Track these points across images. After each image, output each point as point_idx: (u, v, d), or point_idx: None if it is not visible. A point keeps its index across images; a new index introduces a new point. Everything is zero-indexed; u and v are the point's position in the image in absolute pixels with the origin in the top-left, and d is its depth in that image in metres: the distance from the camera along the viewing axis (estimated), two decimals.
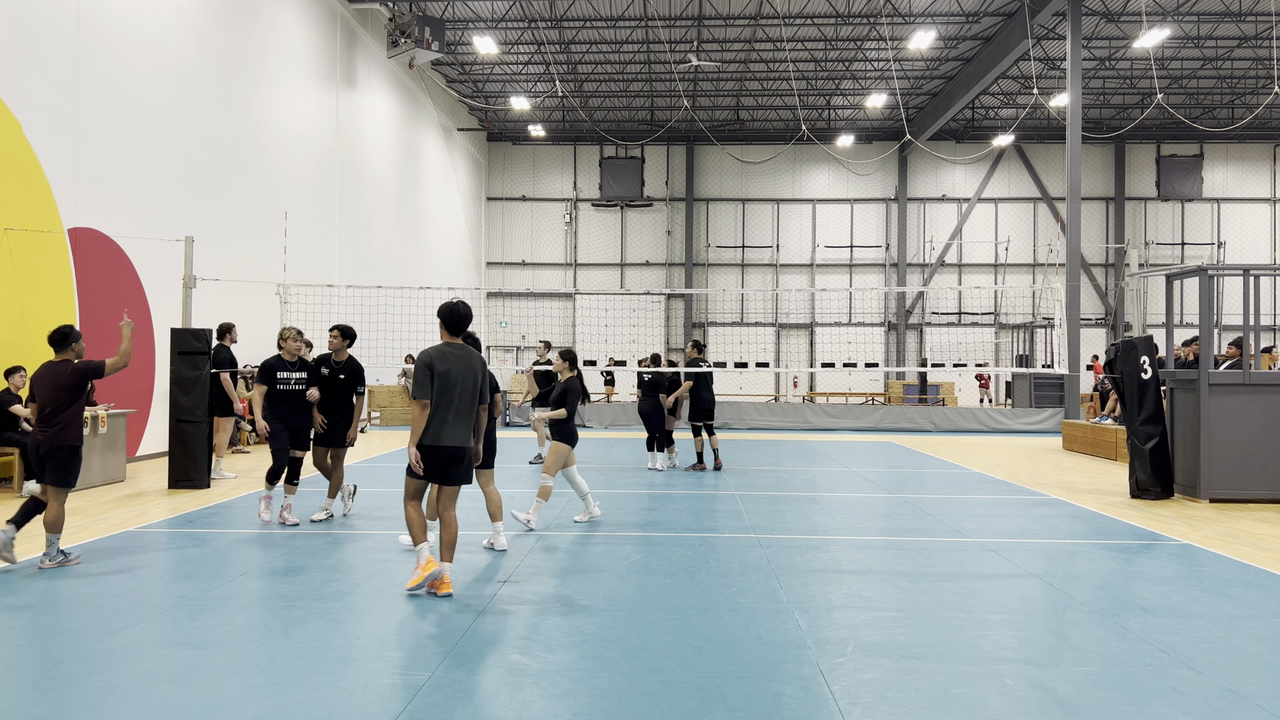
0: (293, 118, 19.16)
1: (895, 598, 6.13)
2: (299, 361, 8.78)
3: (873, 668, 4.71)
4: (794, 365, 34.79)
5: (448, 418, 6.08)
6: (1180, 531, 8.81)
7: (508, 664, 4.74)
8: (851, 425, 22.92)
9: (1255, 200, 34.60)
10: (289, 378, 8.64)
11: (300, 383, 8.67)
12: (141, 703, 4.15)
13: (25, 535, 7.80)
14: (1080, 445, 17.29)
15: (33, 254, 11.67)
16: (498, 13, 24.74)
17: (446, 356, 6.13)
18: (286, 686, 4.37)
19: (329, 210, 21.19)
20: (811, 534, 8.45)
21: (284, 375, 8.60)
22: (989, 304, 35.32)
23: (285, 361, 8.68)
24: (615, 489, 11.31)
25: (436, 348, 6.17)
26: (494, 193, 36.08)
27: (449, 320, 6.24)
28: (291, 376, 8.65)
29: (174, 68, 14.78)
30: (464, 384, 6.13)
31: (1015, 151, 34.88)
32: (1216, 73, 28.43)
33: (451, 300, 6.30)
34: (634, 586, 6.38)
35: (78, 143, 12.53)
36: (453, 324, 6.25)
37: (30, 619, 5.46)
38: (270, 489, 8.65)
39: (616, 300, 35.23)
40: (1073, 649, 5.06)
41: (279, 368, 8.63)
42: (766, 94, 31.29)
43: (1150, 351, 11.26)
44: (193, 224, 15.14)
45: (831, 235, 35.42)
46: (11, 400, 10.68)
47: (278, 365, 8.62)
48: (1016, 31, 23.12)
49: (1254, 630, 5.45)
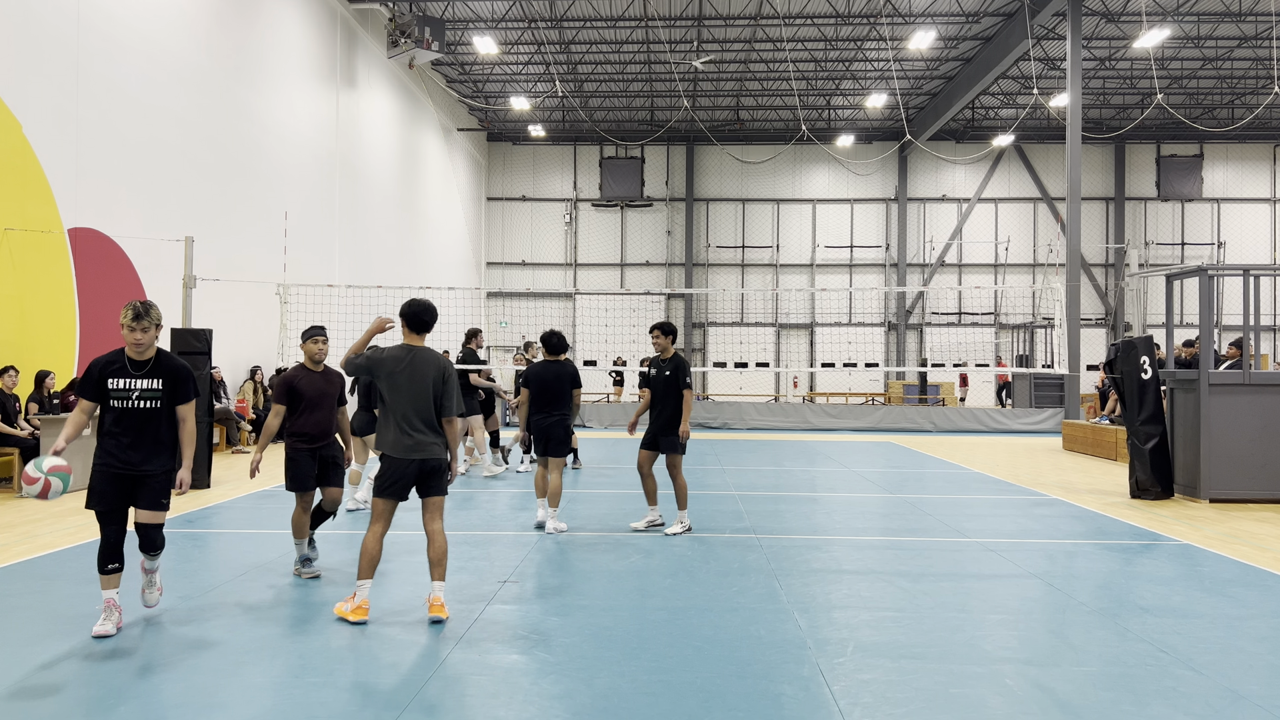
0: (293, 118, 19.15)
1: (895, 598, 6.13)
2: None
3: (873, 668, 4.71)
4: (794, 365, 34.78)
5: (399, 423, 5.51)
6: (1180, 531, 8.81)
7: (508, 664, 4.74)
8: (851, 425, 22.92)
9: (1255, 200, 34.59)
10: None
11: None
12: (141, 703, 4.15)
13: (21, 537, 7.79)
14: (1080, 445, 17.29)
15: (33, 254, 11.67)
16: (498, 13, 24.74)
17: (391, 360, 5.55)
18: (286, 686, 4.37)
19: (329, 210, 21.18)
20: (811, 534, 8.45)
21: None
22: (989, 304, 35.32)
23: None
24: (616, 489, 11.30)
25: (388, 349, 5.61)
26: (494, 193, 36.08)
27: (411, 320, 5.65)
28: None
29: (174, 68, 14.77)
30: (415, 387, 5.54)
31: (1015, 151, 34.88)
32: (1216, 73, 28.42)
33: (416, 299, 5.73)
34: (634, 586, 6.38)
35: (78, 143, 12.53)
36: (415, 323, 5.66)
37: (31, 619, 5.46)
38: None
39: (616, 300, 35.21)
40: (1073, 649, 5.06)
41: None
42: (766, 94, 31.29)
43: (1150, 351, 11.26)
44: (193, 224, 15.14)
45: (831, 235, 35.41)
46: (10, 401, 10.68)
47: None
48: (1016, 31, 23.11)
49: (1254, 630, 5.45)
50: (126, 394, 5.19)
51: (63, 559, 7.10)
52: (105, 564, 5.16)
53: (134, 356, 5.22)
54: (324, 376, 6.71)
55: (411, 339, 5.66)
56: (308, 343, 6.72)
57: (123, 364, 5.22)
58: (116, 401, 5.18)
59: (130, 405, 5.18)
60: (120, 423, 5.18)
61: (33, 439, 10.61)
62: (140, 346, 5.17)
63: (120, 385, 5.19)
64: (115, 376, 5.20)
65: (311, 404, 6.53)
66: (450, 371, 5.66)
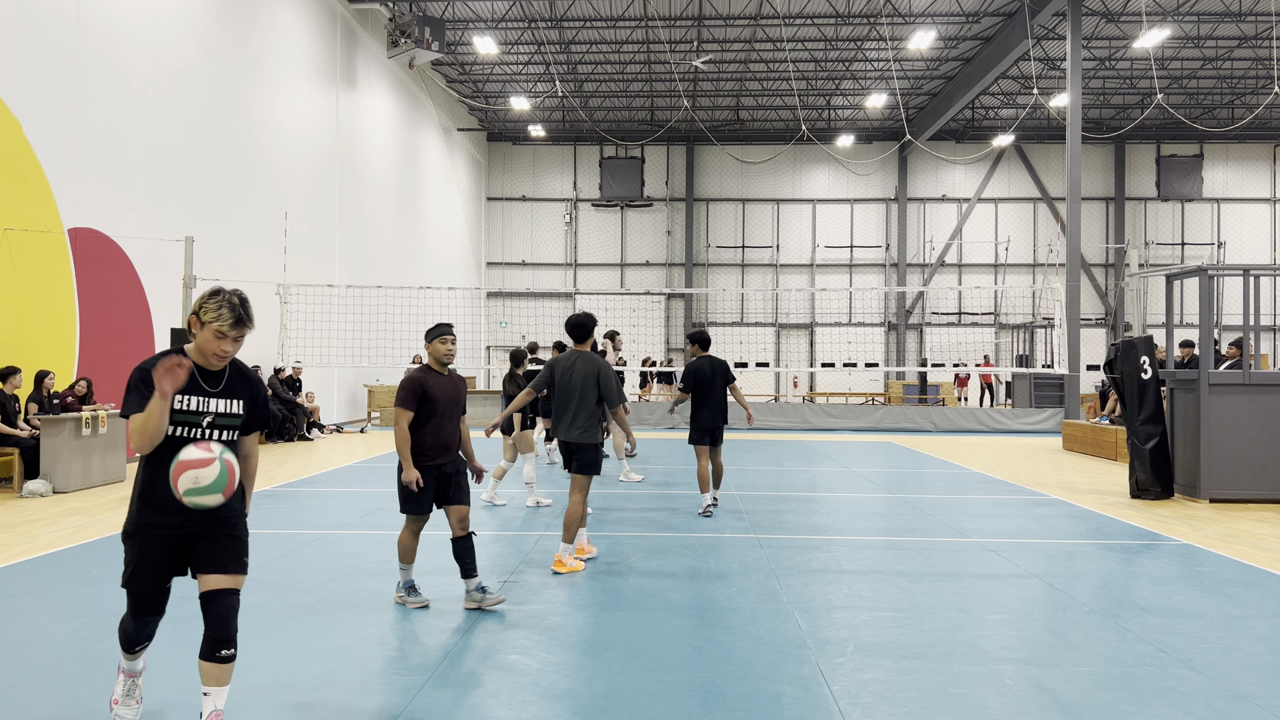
0: (293, 118, 19.16)
1: (895, 598, 6.13)
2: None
3: (873, 668, 4.71)
4: (794, 365, 34.79)
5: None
6: (1180, 531, 8.81)
7: (507, 664, 4.74)
8: (851, 425, 22.92)
9: (1255, 200, 34.60)
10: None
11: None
12: (141, 703, 4.14)
13: (23, 542, 7.79)
14: (1080, 445, 17.29)
15: (33, 254, 11.67)
16: (498, 13, 24.74)
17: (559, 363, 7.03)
18: (286, 686, 4.37)
19: (329, 210, 21.19)
20: (811, 534, 8.45)
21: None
22: (989, 304, 35.32)
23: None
24: (615, 488, 11.30)
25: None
26: (494, 193, 36.08)
27: (572, 330, 7.03)
28: None
29: (174, 68, 14.78)
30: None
31: (1015, 151, 34.89)
32: (1216, 73, 28.43)
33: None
34: (634, 587, 6.38)
35: (78, 143, 12.53)
36: (576, 334, 7.03)
37: (30, 619, 5.46)
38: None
39: (616, 300, 35.22)
40: (1073, 649, 5.06)
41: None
42: (766, 94, 31.29)
43: (1150, 351, 11.26)
44: (193, 224, 15.15)
45: (831, 235, 35.42)
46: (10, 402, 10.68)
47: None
48: (1016, 31, 23.12)
49: (1254, 630, 5.45)
50: (196, 420, 3.52)
51: (63, 559, 7.10)
52: (133, 644, 3.73)
53: (208, 365, 3.59)
54: (452, 381, 5.78)
55: (577, 347, 7.00)
56: (434, 342, 5.75)
57: (191, 375, 3.55)
58: (182, 430, 3.51)
59: (199, 436, 3.53)
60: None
61: (33, 439, 10.61)
62: (223, 357, 3.58)
63: (190, 405, 3.51)
64: (183, 393, 3.52)
65: (444, 411, 5.65)
66: (605, 371, 6.88)
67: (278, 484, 11.43)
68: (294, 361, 18.15)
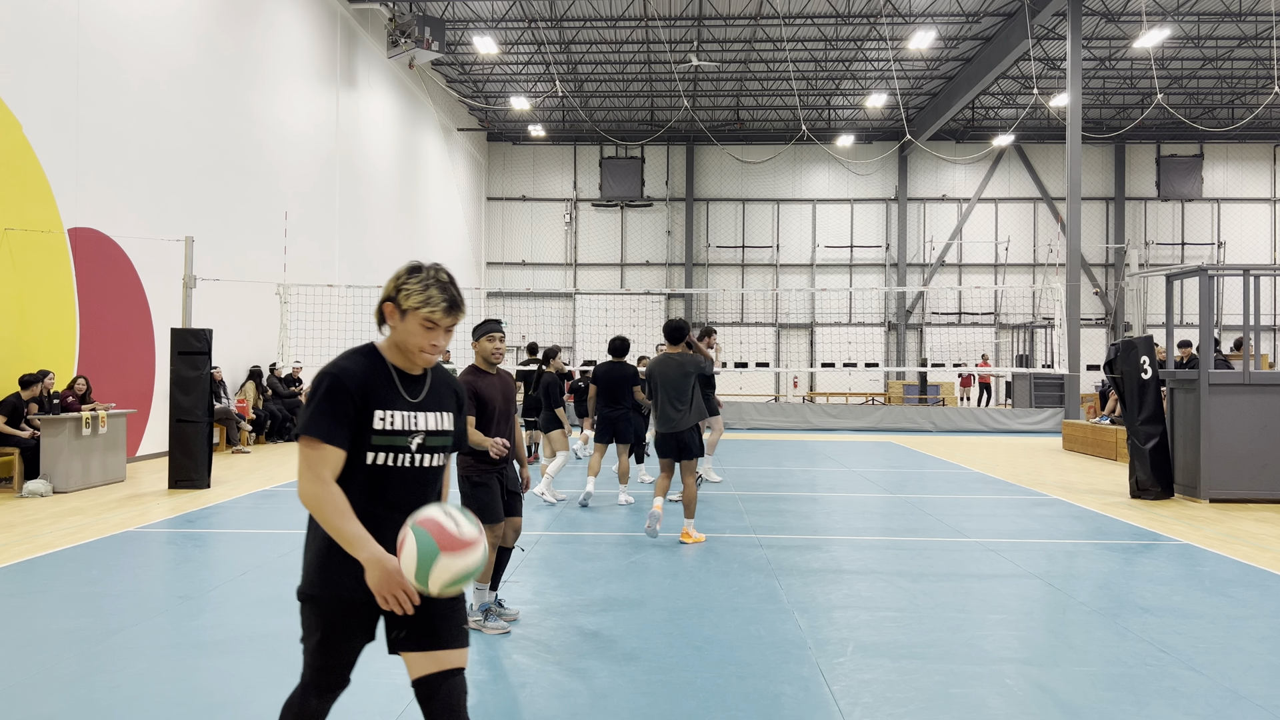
0: (293, 118, 19.16)
1: (895, 598, 6.13)
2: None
3: (873, 668, 4.71)
4: (794, 365, 34.78)
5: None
6: (1180, 531, 8.81)
7: (507, 664, 4.74)
8: (851, 425, 22.92)
9: (1255, 200, 34.59)
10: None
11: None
12: (142, 703, 4.15)
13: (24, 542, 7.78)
14: (1080, 445, 17.29)
15: (33, 254, 11.67)
16: (498, 13, 24.74)
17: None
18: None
19: (329, 210, 21.19)
20: (811, 534, 8.45)
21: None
22: (989, 304, 35.32)
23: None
24: (615, 488, 11.30)
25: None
26: (494, 193, 36.08)
27: (669, 334, 7.99)
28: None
29: (174, 67, 14.78)
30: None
31: (1015, 151, 34.88)
32: (1216, 73, 28.42)
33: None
34: (634, 586, 6.38)
35: (78, 143, 12.53)
36: (671, 337, 7.99)
37: (30, 619, 5.46)
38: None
39: (616, 300, 35.21)
40: (1073, 649, 5.06)
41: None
42: (766, 94, 31.29)
43: (1150, 351, 11.26)
44: (193, 224, 15.14)
45: (831, 235, 35.41)
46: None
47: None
48: (1016, 31, 23.11)
49: (1254, 630, 5.45)
50: (403, 443, 2.64)
51: (63, 559, 7.10)
52: None
53: (409, 368, 2.73)
54: (502, 380, 5.39)
55: (670, 349, 7.99)
56: (482, 340, 5.32)
57: (391, 381, 2.66)
58: (385, 456, 2.62)
59: (406, 464, 2.65)
60: (382, 494, 2.63)
61: (33, 439, 10.61)
62: (433, 354, 2.71)
63: (394, 424, 2.62)
64: (384, 407, 2.62)
65: (501, 413, 5.32)
66: (689, 368, 7.81)
67: (277, 484, 11.44)
68: (294, 361, 18.16)
